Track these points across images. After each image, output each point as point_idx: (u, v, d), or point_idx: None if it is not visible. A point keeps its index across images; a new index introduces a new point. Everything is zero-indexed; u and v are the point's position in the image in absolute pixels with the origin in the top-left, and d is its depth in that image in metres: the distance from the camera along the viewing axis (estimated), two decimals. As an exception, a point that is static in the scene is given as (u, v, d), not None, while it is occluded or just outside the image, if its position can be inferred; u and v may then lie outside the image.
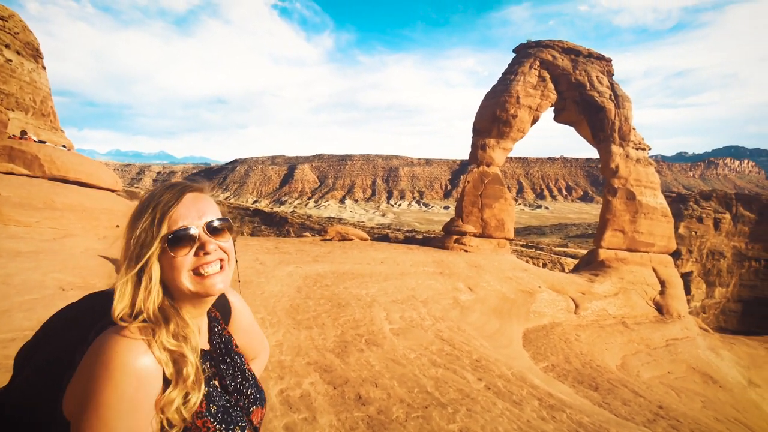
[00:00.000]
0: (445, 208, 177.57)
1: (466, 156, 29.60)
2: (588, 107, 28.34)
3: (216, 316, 1.46)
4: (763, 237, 57.51)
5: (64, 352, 1.16)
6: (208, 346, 1.35)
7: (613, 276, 25.51)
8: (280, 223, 74.15)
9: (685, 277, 45.54)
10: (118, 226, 15.72)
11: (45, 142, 18.58)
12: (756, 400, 19.97)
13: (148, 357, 1.07)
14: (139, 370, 1.04)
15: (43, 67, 22.50)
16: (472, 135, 28.89)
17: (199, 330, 1.27)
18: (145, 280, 1.15)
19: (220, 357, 1.36)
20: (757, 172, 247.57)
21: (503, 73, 29.39)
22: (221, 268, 1.25)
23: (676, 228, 39.87)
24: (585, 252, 38.35)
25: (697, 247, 58.50)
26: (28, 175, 16.47)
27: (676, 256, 41.95)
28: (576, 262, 41.77)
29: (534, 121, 28.79)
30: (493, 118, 27.73)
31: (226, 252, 1.27)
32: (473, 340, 11.16)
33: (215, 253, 1.24)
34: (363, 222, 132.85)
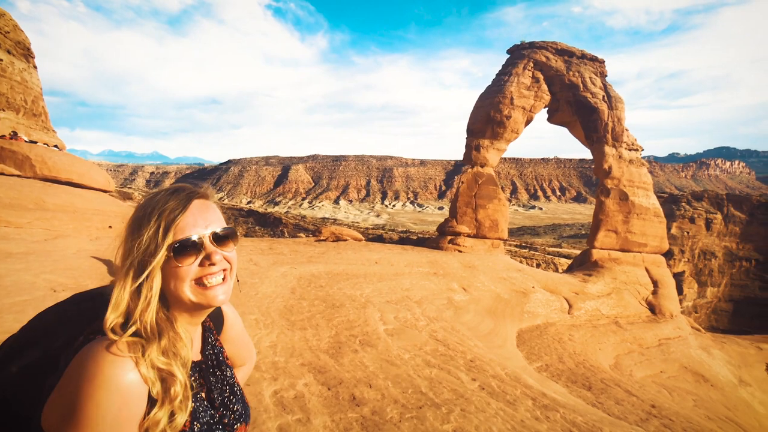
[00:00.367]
0: (440, 208, 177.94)
1: (461, 157, 29.67)
2: (581, 108, 28.49)
3: (210, 326, 1.42)
4: (753, 237, 58.16)
5: (49, 354, 1.13)
6: (199, 356, 1.32)
7: (606, 276, 25.66)
8: (274, 224, 73.96)
9: (678, 277, 45.90)
10: (110, 227, 15.61)
11: (36, 143, 18.42)
12: (746, 398, 20.16)
13: (134, 374, 1.03)
14: (124, 389, 1.00)
15: (35, 67, 22.31)
16: (466, 136, 28.96)
17: (192, 341, 1.24)
18: (145, 289, 1.11)
19: (210, 369, 1.32)
20: (747, 173, 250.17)
21: (497, 74, 29.49)
22: (224, 279, 1.23)
23: (669, 228, 40.23)
24: (578, 252, 38.57)
25: (689, 247, 59.03)
26: (18, 176, 16.32)
27: (668, 256, 42.27)
28: (569, 262, 41.99)
29: (528, 122, 28.91)
30: (487, 119, 27.82)
31: (230, 262, 1.25)
32: (467, 340, 11.18)
33: (220, 264, 1.21)
34: (357, 222, 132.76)
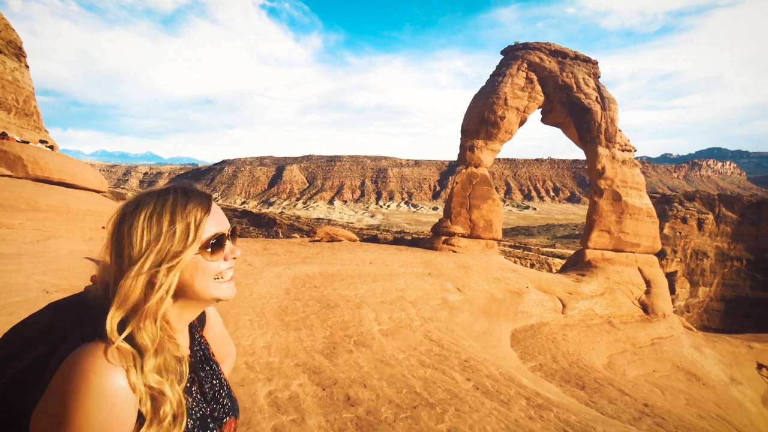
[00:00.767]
0: (434, 209, 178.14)
1: (455, 157, 29.75)
2: (575, 109, 28.65)
3: (194, 323, 1.42)
4: (744, 237, 58.73)
5: (31, 365, 1.07)
6: (188, 352, 1.31)
7: (599, 276, 25.81)
8: (268, 224, 73.72)
9: (670, 277, 46.21)
10: (104, 228, 15.50)
11: (28, 143, 18.27)
12: (737, 396, 20.36)
13: (123, 380, 1.00)
14: (111, 396, 0.98)
15: (26, 66, 22.13)
16: (460, 136, 29.04)
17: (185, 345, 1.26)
18: (166, 283, 1.10)
19: (199, 364, 1.33)
20: (738, 174, 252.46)
21: (491, 75, 29.59)
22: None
23: (661, 228, 40.52)
24: (572, 252, 38.75)
25: (681, 247, 59.49)
26: (10, 176, 16.19)
27: (661, 256, 42.62)
28: (563, 262, 42.21)
29: (522, 123, 29.03)
30: (481, 120, 27.91)
31: (236, 259, 1.29)
32: (462, 340, 11.22)
33: (234, 260, 1.26)
34: (352, 223, 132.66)
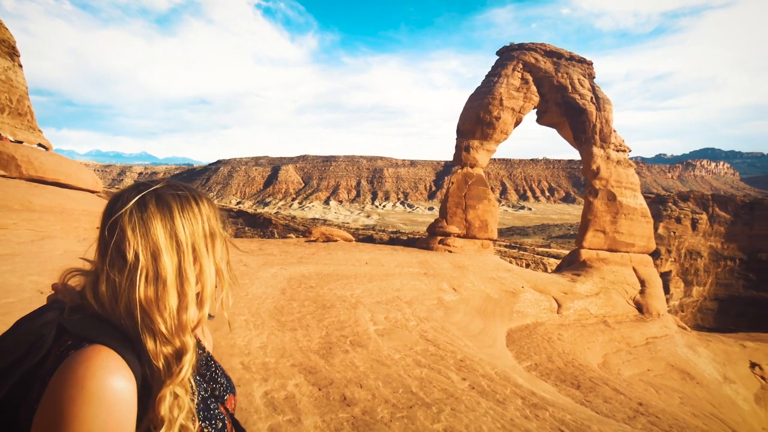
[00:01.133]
0: (430, 209, 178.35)
1: (451, 157, 29.80)
2: (570, 109, 28.76)
3: None
4: (737, 237, 59.15)
5: (18, 386, 1.03)
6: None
7: (594, 276, 25.91)
8: (264, 225, 73.51)
9: (664, 277, 46.54)
10: (98, 228, 15.41)
11: (22, 142, 18.16)
12: (731, 395, 20.49)
13: (121, 381, 0.98)
14: (112, 398, 0.96)
15: (20, 66, 21.99)
16: (456, 136, 29.09)
17: None
18: (201, 283, 1.18)
19: None
20: (732, 174, 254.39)
21: (487, 75, 29.66)
22: None
23: (656, 228, 40.76)
24: (567, 252, 38.90)
25: (675, 247, 59.84)
26: (4, 176, 16.09)
27: (655, 255, 42.86)
28: (558, 262, 42.32)
29: (517, 123, 29.11)
30: (477, 120, 27.96)
31: None
32: (457, 340, 11.24)
33: None
34: (348, 223, 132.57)
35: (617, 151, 29.16)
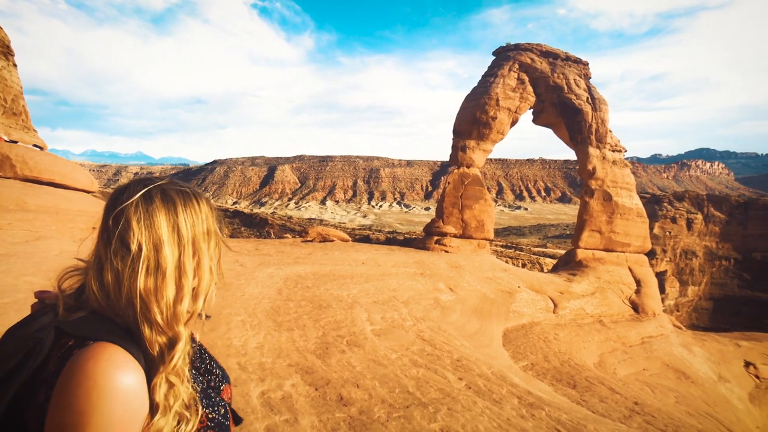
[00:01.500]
0: (426, 209, 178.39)
1: (447, 157, 29.84)
2: (566, 110, 28.85)
3: None
4: (732, 237, 59.48)
5: (22, 391, 1.03)
6: None
7: (590, 275, 26.00)
8: (260, 225, 73.33)
9: (660, 276, 46.68)
10: (94, 228, 15.35)
11: (16, 142, 18.05)
12: (725, 394, 20.61)
13: (131, 377, 0.99)
14: (124, 393, 0.97)
15: (14, 65, 21.85)
16: (452, 137, 29.13)
17: None
18: (198, 277, 1.17)
19: None
20: (726, 174, 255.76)
21: (483, 76, 29.71)
22: None
23: (651, 228, 40.90)
24: (563, 252, 39.00)
25: (671, 246, 60.11)
26: (-2, 176, 15.99)
27: (651, 255, 42.99)
28: (555, 262, 42.45)
29: (513, 123, 29.18)
30: (473, 120, 28.01)
31: None
32: (454, 340, 11.26)
33: None
34: (344, 223, 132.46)
35: (613, 151, 29.27)
